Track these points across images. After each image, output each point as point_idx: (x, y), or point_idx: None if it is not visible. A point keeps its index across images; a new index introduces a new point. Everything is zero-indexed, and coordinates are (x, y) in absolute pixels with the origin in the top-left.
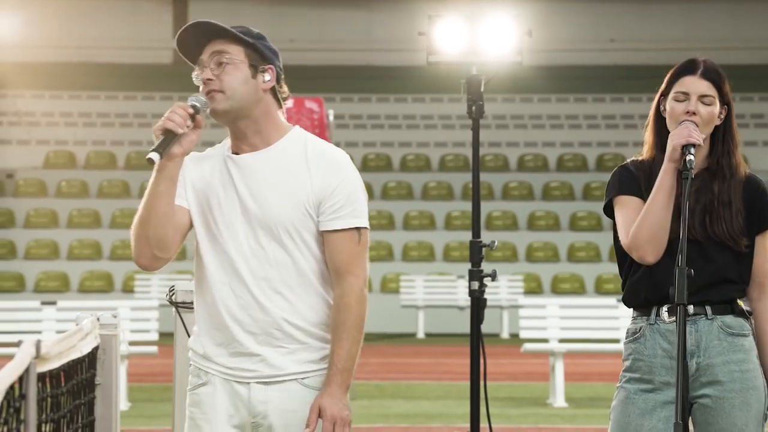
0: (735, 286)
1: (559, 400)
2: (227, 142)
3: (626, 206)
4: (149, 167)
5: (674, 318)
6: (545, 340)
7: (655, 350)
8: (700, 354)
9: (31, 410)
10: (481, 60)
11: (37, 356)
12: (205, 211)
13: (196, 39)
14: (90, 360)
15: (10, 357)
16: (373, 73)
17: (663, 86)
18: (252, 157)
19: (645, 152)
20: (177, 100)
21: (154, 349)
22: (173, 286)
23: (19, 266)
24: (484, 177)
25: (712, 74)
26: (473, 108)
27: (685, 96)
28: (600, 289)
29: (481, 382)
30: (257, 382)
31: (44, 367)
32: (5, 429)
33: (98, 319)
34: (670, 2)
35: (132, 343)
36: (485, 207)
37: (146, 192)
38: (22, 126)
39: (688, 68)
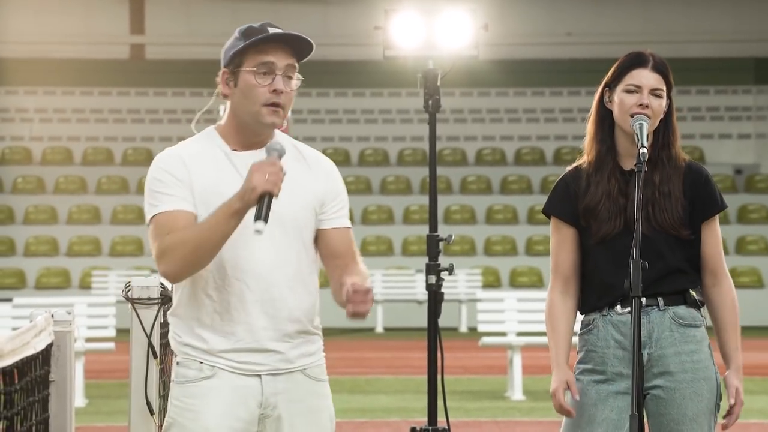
0: (687, 276)
1: (517, 393)
2: (212, 135)
3: (558, 235)
4: (111, 162)
5: (627, 309)
6: (503, 334)
7: (608, 341)
8: (651, 345)
9: None
10: (438, 54)
11: None
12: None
13: (281, 41)
14: (44, 357)
15: None
16: (330, 68)
17: (609, 77)
18: (254, 156)
19: (586, 145)
20: (134, 95)
21: (111, 345)
22: (129, 282)
23: None
24: (441, 171)
25: (661, 67)
26: (430, 102)
27: (637, 88)
28: None
29: (439, 376)
30: (267, 374)
31: None
32: None
33: (52, 315)
34: None
35: (89, 340)
36: (443, 201)
37: (215, 229)
38: None
39: (639, 61)
